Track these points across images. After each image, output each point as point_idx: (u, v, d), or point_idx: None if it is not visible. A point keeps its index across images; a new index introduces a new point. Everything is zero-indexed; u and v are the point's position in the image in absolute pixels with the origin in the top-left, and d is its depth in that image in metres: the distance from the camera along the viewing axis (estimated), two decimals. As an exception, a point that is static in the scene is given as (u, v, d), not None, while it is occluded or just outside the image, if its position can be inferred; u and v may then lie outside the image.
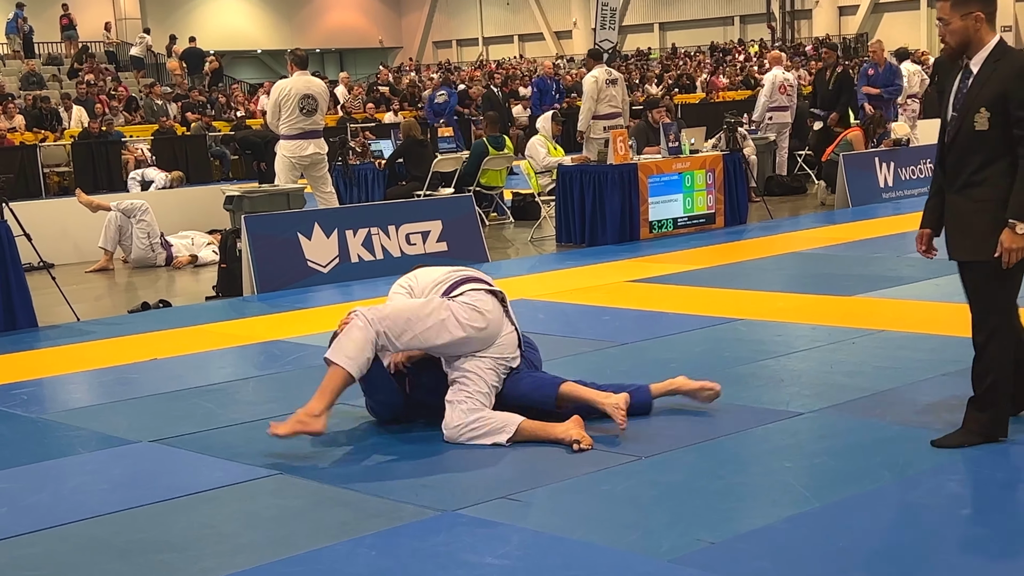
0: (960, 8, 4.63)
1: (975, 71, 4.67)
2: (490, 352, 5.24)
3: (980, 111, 4.61)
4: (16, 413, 6.16)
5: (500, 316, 5.30)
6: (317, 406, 5.06)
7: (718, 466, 4.65)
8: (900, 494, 4.33)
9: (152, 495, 4.67)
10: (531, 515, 4.27)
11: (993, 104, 4.59)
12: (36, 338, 8.32)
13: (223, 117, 25.47)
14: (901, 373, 6.03)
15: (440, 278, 5.44)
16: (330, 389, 5.10)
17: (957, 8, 4.64)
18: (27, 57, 31.33)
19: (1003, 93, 4.57)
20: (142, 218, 11.81)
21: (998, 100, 4.57)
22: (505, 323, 5.32)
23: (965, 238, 4.73)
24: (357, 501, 4.50)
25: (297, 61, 12.05)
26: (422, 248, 10.49)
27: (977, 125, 4.62)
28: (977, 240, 4.67)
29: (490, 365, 5.23)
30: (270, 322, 8.45)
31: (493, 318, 5.24)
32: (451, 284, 5.36)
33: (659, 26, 47.29)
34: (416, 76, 35.10)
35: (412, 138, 14.62)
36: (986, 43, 4.66)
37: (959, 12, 4.63)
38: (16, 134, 22.19)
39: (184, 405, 6.14)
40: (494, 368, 5.24)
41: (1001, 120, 4.57)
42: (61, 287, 9.05)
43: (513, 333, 5.37)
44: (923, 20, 41.12)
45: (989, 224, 4.61)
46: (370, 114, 25.54)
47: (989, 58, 4.65)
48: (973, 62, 4.69)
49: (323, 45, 51.24)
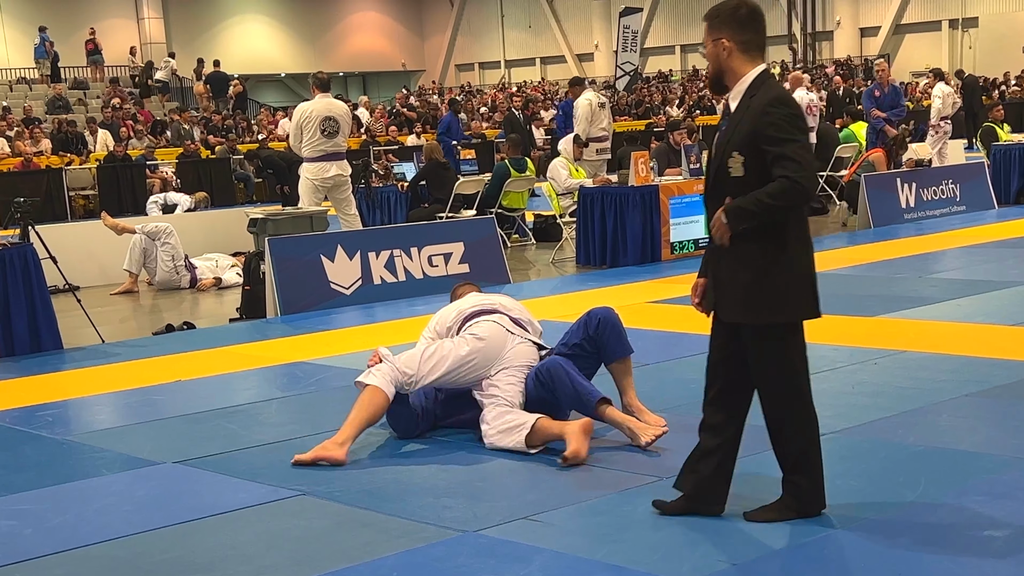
0: (711, 33, 4.15)
1: (732, 108, 4.15)
2: (505, 366, 5.52)
3: (734, 155, 4.06)
4: (41, 435, 6.21)
5: (500, 336, 5.59)
6: (342, 435, 5.34)
7: (739, 487, 4.64)
8: (923, 515, 4.31)
9: (176, 516, 4.69)
10: (553, 536, 4.27)
11: (745, 146, 4.03)
12: (61, 360, 8.38)
13: (246, 140, 25.64)
14: (923, 394, 6.01)
15: (451, 321, 5.81)
16: (362, 418, 5.39)
17: (709, 33, 4.17)
18: (53, 81, 31.62)
19: (753, 132, 4.00)
20: (167, 241, 11.89)
21: (749, 141, 4.02)
22: (510, 339, 5.59)
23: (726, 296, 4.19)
24: (379, 522, 4.52)
25: (320, 84, 12.13)
26: (444, 270, 10.52)
27: (732, 171, 4.06)
28: (739, 299, 4.14)
29: (511, 378, 5.51)
30: (293, 344, 8.49)
31: (489, 341, 5.55)
32: (460, 323, 5.74)
33: (680, 48, 47.38)
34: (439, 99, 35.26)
35: (434, 160, 14.69)
36: (742, 75, 4.11)
37: (711, 38, 4.15)
38: (42, 158, 22.40)
39: (208, 426, 6.17)
40: (516, 376, 5.52)
41: (758, 165, 4.01)
42: (86, 309, 9.12)
43: (524, 343, 5.63)
44: (944, 41, 41.12)
45: (752, 283, 4.09)
46: (393, 137, 25.65)
47: (746, 93, 4.10)
48: (731, 97, 4.18)
49: (346, 68, 51.54)
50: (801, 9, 43.66)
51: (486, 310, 5.78)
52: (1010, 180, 15.91)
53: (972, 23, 41.01)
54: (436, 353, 5.53)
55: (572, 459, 5.04)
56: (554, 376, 5.43)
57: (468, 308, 5.82)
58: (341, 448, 5.29)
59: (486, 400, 5.49)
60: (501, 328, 5.63)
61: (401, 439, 5.67)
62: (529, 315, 5.93)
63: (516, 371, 5.53)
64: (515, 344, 5.60)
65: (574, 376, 5.42)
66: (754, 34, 4.12)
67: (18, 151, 22.30)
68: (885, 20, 42.67)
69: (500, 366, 5.53)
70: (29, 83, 32.80)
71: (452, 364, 5.50)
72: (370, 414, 5.40)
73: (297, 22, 49.66)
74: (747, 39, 4.10)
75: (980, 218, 14.17)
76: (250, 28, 48.53)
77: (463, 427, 5.71)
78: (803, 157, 3.98)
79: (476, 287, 6.41)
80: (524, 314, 5.88)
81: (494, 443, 5.34)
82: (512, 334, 5.64)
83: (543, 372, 5.47)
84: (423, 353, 5.54)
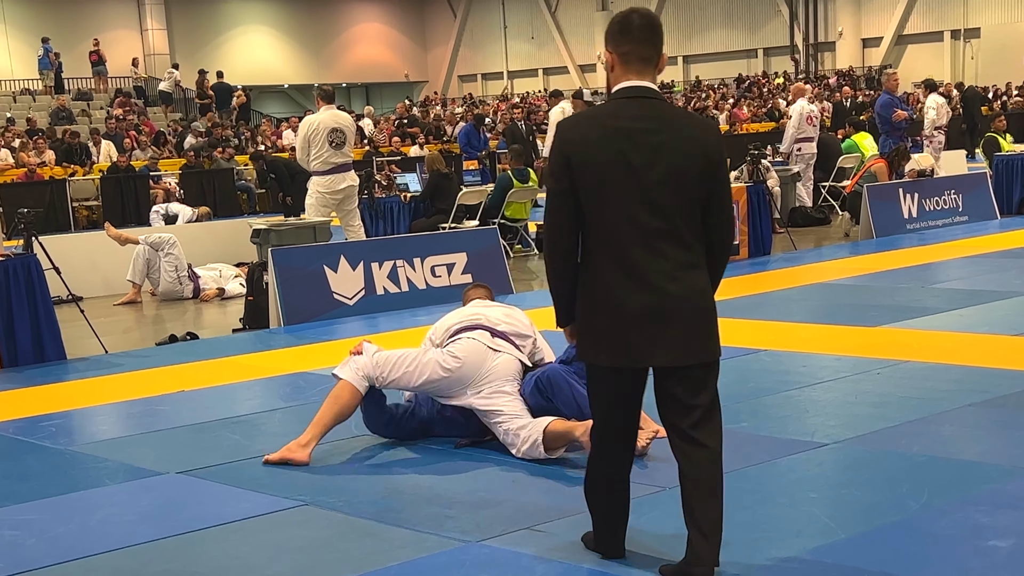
0: (606, 44, 3.88)
1: None
2: (488, 381, 5.52)
3: None
4: (44, 445, 6.21)
5: (478, 354, 5.59)
6: (306, 436, 5.49)
7: (743, 496, 4.64)
8: (926, 524, 4.31)
9: (179, 526, 4.70)
10: (556, 546, 4.27)
11: None
12: (65, 370, 8.39)
13: (247, 151, 25.65)
14: (926, 404, 6.01)
15: (441, 335, 5.85)
16: (328, 416, 5.50)
17: (605, 44, 3.89)
18: (57, 93, 31.68)
19: None
20: (170, 251, 11.91)
21: None
22: (490, 355, 5.59)
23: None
24: (382, 532, 4.52)
25: (325, 96, 12.18)
26: (447, 280, 10.53)
27: None
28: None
29: (506, 396, 5.50)
30: (296, 354, 8.50)
31: (466, 360, 5.54)
32: (446, 338, 5.78)
33: (683, 59, 47.47)
34: (442, 110, 35.30)
35: (436, 171, 14.71)
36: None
37: (606, 48, 3.86)
38: (46, 169, 22.42)
39: (211, 437, 6.18)
40: (506, 391, 5.52)
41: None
42: (90, 320, 9.13)
43: (507, 357, 5.62)
44: (946, 52, 41.17)
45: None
46: (396, 147, 25.67)
47: None
48: None
49: (349, 79, 51.67)
50: (803, 20, 43.78)
51: (468, 326, 5.78)
52: (1012, 190, 15.91)
53: (974, 33, 41.08)
54: (415, 362, 5.55)
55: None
56: (553, 384, 5.43)
57: (455, 323, 5.85)
58: (304, 449, 5.44)
59: (494, 422, 5.48)
60: (480, 345, 5.63)
61: (374, 434, 5.77)
62: (525, 328, 5.89)
63: (505, 384, 5.52)
64: (496, 360, 5.59)
65: (574, 384, 5.42)
66: (634, 47, 3.77)
67: (22, 162, 22.32)
68: (887, 31, 42.73)
69: (483, 382, 5.52)
70: (33, 94, 32.88)
71: (428, 378, 5.52)
72: (336, 411, 5.51)
73: (300, 33, 49.79)
74: (625, 51, 3.78)
75: (983, 228, 14.17)
76: (253, 39, 48.65)
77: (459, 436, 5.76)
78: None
79: (487, 289, 6.43)
80: (516, 327, 5.84)
81: (524, 457, 5.34)
82: (494, 351, 5.63)
83: (542, 380, 5.48)
84: (402, 357, 5.57)
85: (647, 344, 3.72)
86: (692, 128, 3.77)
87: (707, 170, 3.73)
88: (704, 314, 3.77)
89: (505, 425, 5.41)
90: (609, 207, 3.70)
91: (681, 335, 3.72)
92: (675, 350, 3.73)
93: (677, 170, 3.69)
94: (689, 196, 3.71)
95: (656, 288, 3.70)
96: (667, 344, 3.72)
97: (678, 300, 3.71)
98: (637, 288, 3.70)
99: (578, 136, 3.75)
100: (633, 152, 3.68)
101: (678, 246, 3.71)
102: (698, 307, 3.75)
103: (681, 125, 3.76)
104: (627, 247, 3.70)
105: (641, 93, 3.77)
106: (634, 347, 3.73)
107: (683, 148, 3.71)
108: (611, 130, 3.71)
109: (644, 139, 3.69)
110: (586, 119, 3.82)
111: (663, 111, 3.77)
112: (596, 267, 3.75)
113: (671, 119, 3.77)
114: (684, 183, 3.70)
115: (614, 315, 3.73)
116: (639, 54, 3.78)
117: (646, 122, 3.71)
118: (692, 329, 3.74)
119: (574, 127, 3.79)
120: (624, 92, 3.78)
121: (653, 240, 3.69)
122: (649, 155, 3.68)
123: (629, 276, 3.70)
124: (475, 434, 5.68)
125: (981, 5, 40.80)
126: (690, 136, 3.74)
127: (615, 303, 3.72)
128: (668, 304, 3.70)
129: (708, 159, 3.73)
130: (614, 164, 3.68)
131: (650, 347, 3.72)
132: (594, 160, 3.70)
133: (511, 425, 5.38)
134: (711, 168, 3.74)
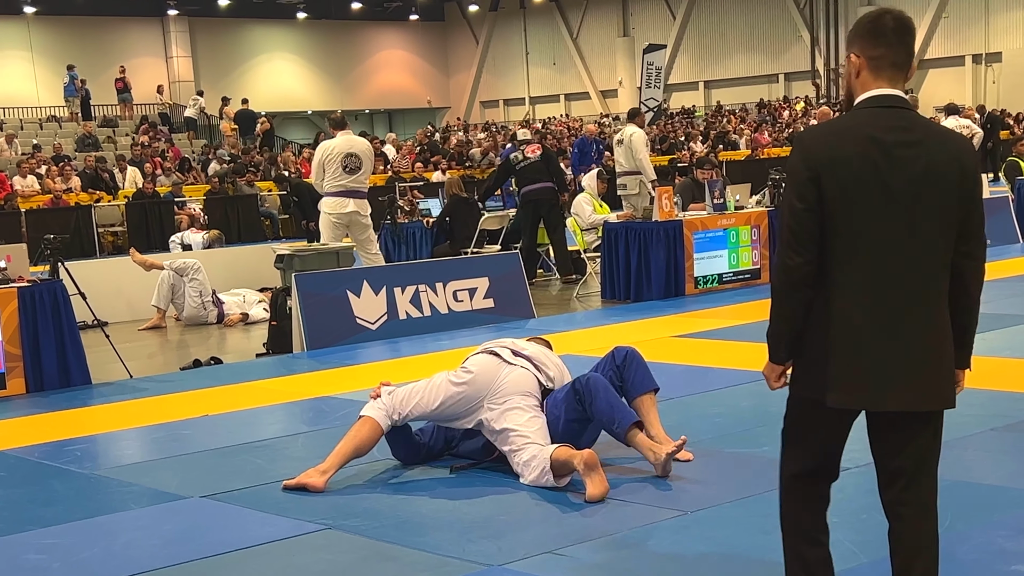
0: (849, 47, 3.50)
1: None
2: (503, 397, 5.51)
3: None
4: (70, 469, 6.25)
5: (492, 366, 5.62)
6: (326, 464, 5.54)
7: (764, 521, 4.63)
8: (949, 549, 4.29)
9: (203, 550, 4.72)
10: (577, 570, 4.28)
11: None
12: (90, 395, 8.45)
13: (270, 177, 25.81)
14: (948, 428, 5.91)
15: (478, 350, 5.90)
16: (348, 448, 5.55)
17: (848, 47, 3.51)
18: (84, 119, 31.98)
19: None
20: (194, 277, 11.99)
21: None
22: (503, 368, 5.61)
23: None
24: (404, 556, 4.53)
25: (335, 124, 12.24)
26: (469, 305, 10.56)
27: None
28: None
29: (521, 412, 5.47)
30: (319, 379, 8.54)
31: (478, 372, 5.59)
32: (476, 352, 5.82)
33: (704, 84, 47.53)
34: (464, 135, 35.44)
35: (455, 196, 14.75)
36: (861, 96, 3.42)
37: (849, 52, 3.48)
38: (72, 195, 22.61)
39: (235, 461, 6.21)
40: (521, 407, 5.49)
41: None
42: (114, 345, 9.20)
43: (521, 371, 5.62)
44: (968, 76, 41.07)
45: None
46: (418, 173, 25.76)
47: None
48: None
49: (372, 106, 51.94)
50: (824, 45, 43.75)
51: (492, 349, 5.80)
52: (1034, 214, 15.84)
53: (996, 58, 40.98)
54: (428, 386, 5.62)
55: (595, 500, 5.03)
56: (592, 389, 5.42)
57: (480, 348, 5.89)
58: (322, 477, 5.48)
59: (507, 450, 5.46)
60: (493, 359, 5.66)
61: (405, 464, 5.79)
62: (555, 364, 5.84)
63: (520, 400, 5.50)
64: (509, 373, 5.59)
65: (612, 393, 5.43)
66: (883, 50, 3.35)
67: (48, 188, 22.53)
68: (909, 55, 42.66)
69: (497, 397, 5.51)
70: (59, 121, 33.18)
71: (443, 400, 5.57)
72: (357, 444, 5.56)
73: (324, 60, 50.11)
74: (877, 55, 3.35)
75: (1005, 252, 14.10)
76: (277, 66, 49.00)
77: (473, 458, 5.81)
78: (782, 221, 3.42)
79: (544, 341, 6.21)
80: (545, 358, 5.80)
81: (532, 483, 5.32)
82: (508, 363, 5.63)
83: (580, 383, 5.46)
84: (415, 386, 5.65)
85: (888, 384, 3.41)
86: (949, 142, 3.34)
87: (964, 187, 3.31)
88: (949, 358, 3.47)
89: (515, 457, 5.40)
90: (858, 229, 3.27)
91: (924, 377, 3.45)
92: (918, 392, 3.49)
93: (937, 190, 3.27)
94: (948, 220, 3.29)
95: (905, 323, 3.32)
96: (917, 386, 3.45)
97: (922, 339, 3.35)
98: (883, 322, 3.31)
99: (825, 149, 3.29)
100: (891, 170, 3.25)
101: (931, 275, 3.31)
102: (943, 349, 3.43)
103: (938, 138, 3.32)
104: (876, 274, 3.29)
105: (894, 103, 3.32)
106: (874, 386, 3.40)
107: (941, 164, 3.28)
108: (864, 143, 3.27)
109: (902, 153, 3.25)
110: (833, 131, 3.37)
111: (919, 123, 3.33)
112: (836, 296, 3.33)
113: (927, 131, 3.32)
114: (943, 204, 3.28)
115: (855, 352, 3.34)
116: (892, 59, 3.35)
117: (902, 134, 3.27)
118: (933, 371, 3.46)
119: (820, 139, 3.34)
120: (874, 101, 3.33)
121: (905, 268, 3.29)
122: (907, 172, 3.25)
123: (875, 306, 3.30)
124: (481, 456, 5.70)
125: (1002, 29, 40.73)
126: (947, 151, 3.30)
127: (856, 338, 3.33)
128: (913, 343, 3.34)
129: (965, 176, 3.31)
130: (868, 182, 3.25)
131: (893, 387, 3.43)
132: (845, 177, 3.26)
133: (519, 458, 5.36)
134: (969, 185, 3.32)
